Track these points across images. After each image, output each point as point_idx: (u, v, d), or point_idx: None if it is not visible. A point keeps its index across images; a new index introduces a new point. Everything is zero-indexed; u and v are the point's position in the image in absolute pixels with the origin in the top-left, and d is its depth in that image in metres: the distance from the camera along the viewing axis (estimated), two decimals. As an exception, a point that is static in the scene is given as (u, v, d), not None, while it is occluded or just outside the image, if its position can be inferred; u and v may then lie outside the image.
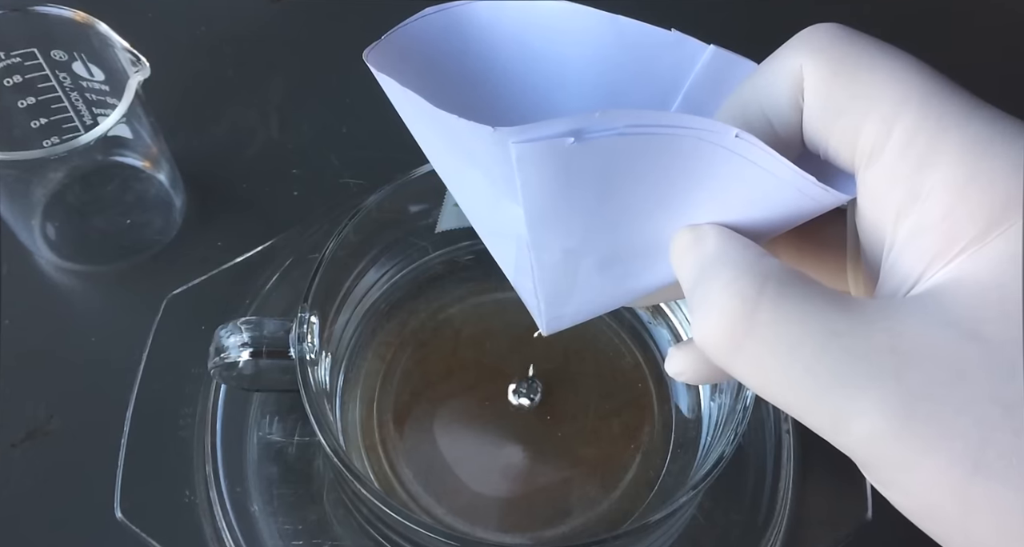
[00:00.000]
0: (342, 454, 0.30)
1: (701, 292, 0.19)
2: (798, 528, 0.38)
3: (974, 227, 0.17)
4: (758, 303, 0.18)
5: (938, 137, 0.18)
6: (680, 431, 0.37)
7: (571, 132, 0.19)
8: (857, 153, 0.19)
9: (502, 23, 0.25)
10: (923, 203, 0.18)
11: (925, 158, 0.18)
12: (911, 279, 0.18)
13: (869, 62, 0.19)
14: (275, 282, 0.42)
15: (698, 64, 0.25)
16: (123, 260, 0.44)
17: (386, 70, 0.23)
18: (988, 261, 0.17)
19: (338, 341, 0.36)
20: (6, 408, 0.40)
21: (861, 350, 0.17)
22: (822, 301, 0.18)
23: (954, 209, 0.18)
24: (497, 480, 0.36)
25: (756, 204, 0.21)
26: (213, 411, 0.39)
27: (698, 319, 0.19)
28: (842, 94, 0.19)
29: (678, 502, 0.30)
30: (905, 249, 0.18)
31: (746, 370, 0.18)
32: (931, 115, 0.18)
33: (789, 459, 0.39)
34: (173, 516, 0.37)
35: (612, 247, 0.22)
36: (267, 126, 0.49)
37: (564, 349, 0.39)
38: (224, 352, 0.33)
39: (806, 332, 0.17)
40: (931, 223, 0.18)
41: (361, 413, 0.37)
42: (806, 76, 0.20)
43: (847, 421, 0.17)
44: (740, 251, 0.19)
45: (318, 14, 0.53)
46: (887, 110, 0.19)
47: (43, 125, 0.43)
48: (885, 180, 0.19)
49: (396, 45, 0.24)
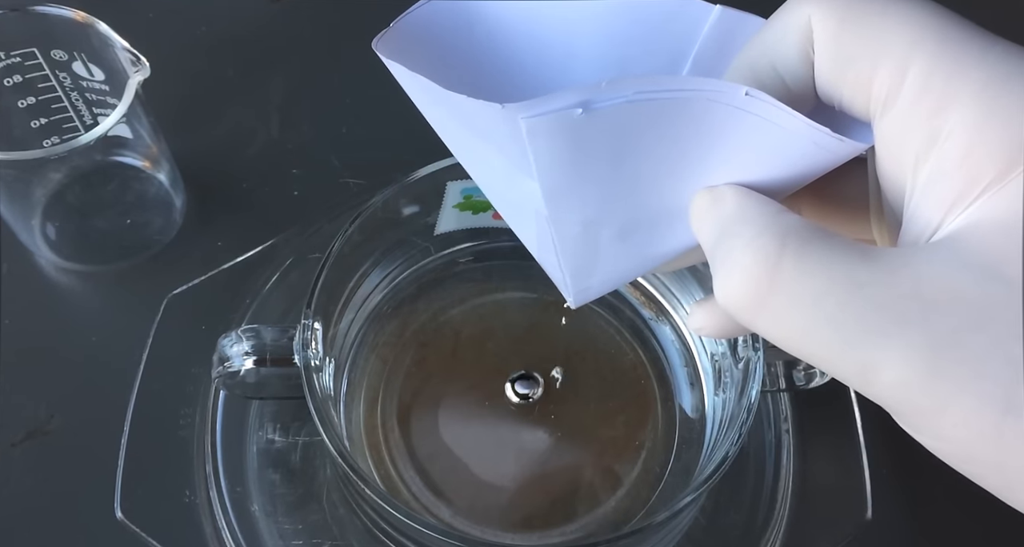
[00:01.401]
0: (348, 457, 0.30)
1: (722, 252, 0.19)
2: (798, 528, 0.38)
3: (993, 168, 0.17)
4: (780, 259, 0.18)
5: (953, 78, 0.18)
6: (683, 430, 0.37)
7: (579, 103, 0.19)
8: (872, 100, 0.19)
9: (506, 3, 0.25)
10: (941, 147, 0.18)
11: (941, 100, 0.18)
12: (933, 224, 0.18)
13: (878, 7, 0.19)
14: (275, 282, 0.42)
15: (705, 26, 0.24)
16: (123, 260, 0.44)
17: (395, 57, 0.23)
18: (1008, 201, 0.17)
19: (341, 345, 0.36)
20: (6, 407, 0.40)
21: (885, 298, 0.17)
22: (844, 253, 0.18)
23: (972, 150, 0.17)
24: (499, 480, 0.36)
25: (772, 160, 0.21)
26: (213, 411, 0.39)
27: (720, 279, 0.19)
28: (852, 42, 0.19)
29: (682, 502, 0.30)
30: (925, 195, 0.18)
31: (770, 326, 0.18)
32: (945, 56, 0.18)
33: (789, 459, 0.39)
34: (173, 516, 0.37)
35: (631, 215, 0.22)
36: (267, 126, 0.49)
37: (566, 348, 0.39)
38: (228, 361, 0.33)
39: (829, 285, 0.17)
40: (950, 166, 0.18)
41: (364, 414, 0.37)
42: (814, 26, 0.20)
43: (875, 370, 0.17)
44: (759, 209, 0.19)
45: (318, 14, 0.53)
46: (899, 54, 0.18)
47: (43, 125, 0.42)
48: (902, 126, 0.19)
49: (404, 32, 0.24)
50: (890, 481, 0.39)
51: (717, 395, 0.36)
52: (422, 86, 0.22)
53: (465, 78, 0.25)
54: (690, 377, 0.38)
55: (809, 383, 0.36)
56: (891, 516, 0.39)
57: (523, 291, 0.40)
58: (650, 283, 0.40)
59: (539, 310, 0.40)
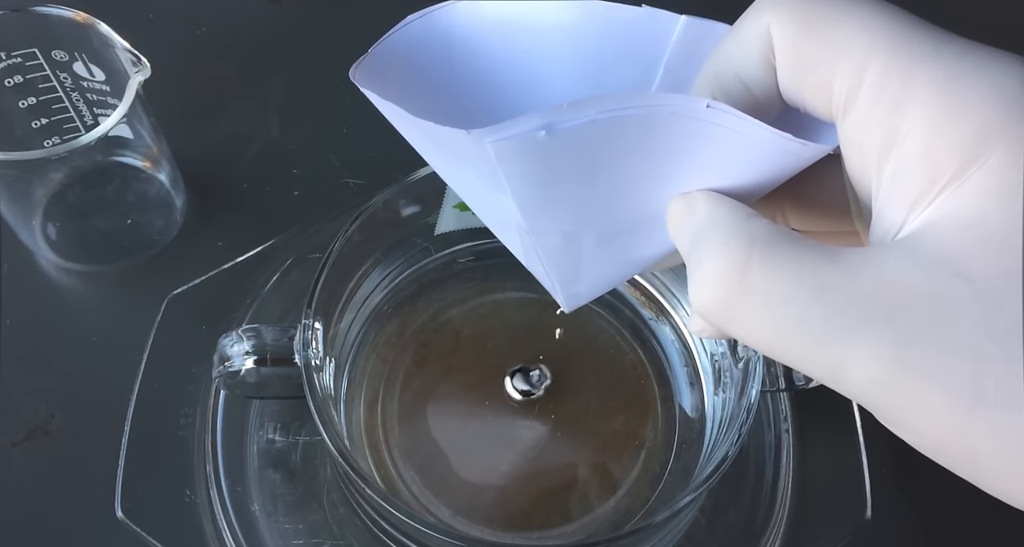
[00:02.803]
0: (348, 457, 0.30)
1: (695, 259, 0.20)
2: (798, 528, 0.38)
3: (952, 164, 0.17)
4: (747, 265, 0.18)
5: (909, 78, 0.18)
6: (683, 430, 0.37)
7: (542, 126, 0.20)
8: (833, 104, 0.19)
9: (481, 22, 0.26)
10: (900, 146, 0.18)
11: (898, 100, 0.18)
12: (897, 223, 0.18)
13: (835, 12, 0.19)
14: (275, 282, 0.42)
15: (673, 35, 0.25)
16: (124, 260, 0.44)
17: (375, 83, 0.23)
18: (969, 197, 0.17)
19: (341, 344, 0.36)
20: (7, 408, 0.40)
21: (850, 299, 0.17)
22: (810, 256, 0.18)
23: (931, 148, 0.18)
24: (500, 480, 0.36)
25: (741, 166, 0.21)
26: (214, 411, 0.39)
27: (693, 285, 0.20)
28: (810, 48, 0.20)
29: (682, 502, 0.30)
30: (889, 193, 0.19)
31: (743, 330, 0.19)
32: (900, 57, 0.18)
33: (789, 459, 0.39)
34: (174, 516, 0.38)
35: (609, 224, 0.23)
36: (267, 126, 0.49)
37: (566, 348, 0.39)
38: (228, 361, 0.33)
39: (795, 288, 0.18)
40: (910, 165, 0.18)
41: (364, 414, 0.37)
42: (774, 34, 0.20)
43: (845, 368, 0.17)
44: (729, 215, 0.20)
45: (318, 14, 0.53)
46: (856, 58, 0.19)
47: (44, 125, 0.43)
48: (862, 127, 0.19)
49: (382, 57, 0.25)
50: (890, 481, 0.39)
51: (717, 395, 0.36)
52: (397, 113, 0.22)
53: (444, 97, 0.26)
54: (690, 377, 0.39)
55: (809, 383, 0.36)
56: (891, 516, 0.39)
57: (523, 291, 0.40)
58: (650, 283, 0.40)
59: (539, 310, 0.40)
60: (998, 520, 0.40)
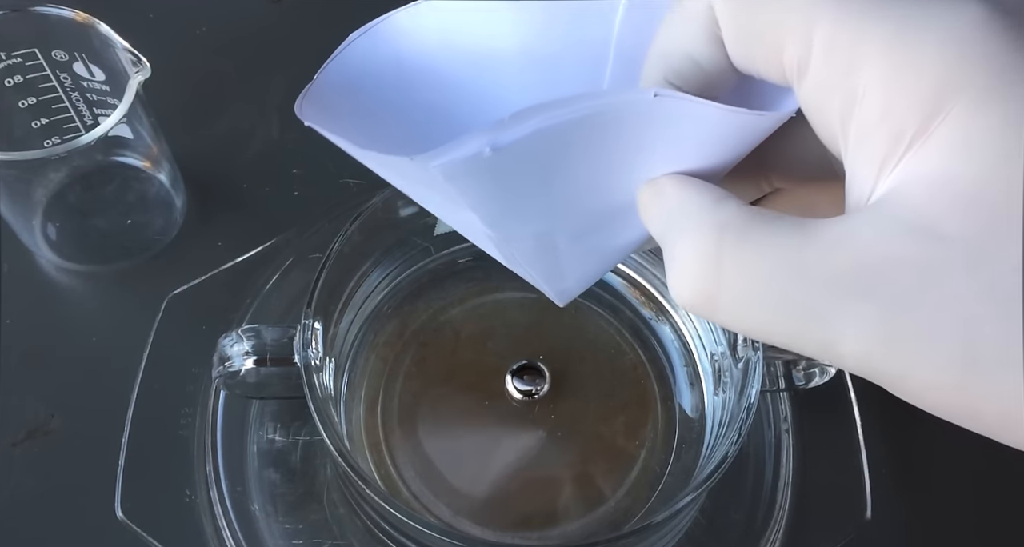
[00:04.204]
0: (348, 457, 0.30)
1: (668, 249, 0.19)
2: (798, 528, 0.38)
3: (914, 120, 0.17)
4: (720, 255, 0.18)
5: (859, 34, 0.17)
6: (683, 430, 0.37)
7: (486, 144, 0.19)
8: (786, 70, 0.19)
9: (426, 29, 0.26)
10: (860, 106, 0.17)
11: (851, 59, 0.17)
12: (869, 184, 0.18)
13: None
14: (275, 282, 0.42)
15: (617, 17, 0.25)
16: (124, 260, 0.44)
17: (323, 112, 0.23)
18: (935, 152, 0.16)
19: (341, 344, 0.36)
20: (6, 407, 0.40)
21: (829, 277, 0.17)
22: (783, 236, 0.18)
23: (890, 106, 0.17)
24: (499, 480, 0.36)
25: (703, 146, 0.21)
26: (214, 411, 0.39)
27: (670, 279, 0.19)
28: (754, 17, 0.19)
29: (682, 502, 0.30)
30: (857, 156, 0.18)
31: (727, 319, 0.18)
32: (847, 12, 0.17)
33: (789, 459, 0.39)
34: (174, 516, 0.38)
35: (581, 219, 0.23)
36: (267, 126, 0.49)
37: (566, 348, 0.39)
38: (228, 361, 0.33)
39: (772, 273, 0.17)
40: (872, 125, 0.17)
41: (364, 414, 0.37)
42: (716, 8, 0.20)
43: (835, 346, 0.17)
44: (697, 200, 0.19)
45: (318, 14, 0.53)
46: (801, 22, 0.18)
47: (44, 125, 0.43)
48: (819, 91, 0.18)
49: (329, 82, 0.25)
50: (890, 481, 0.39)
51: (717, 395, 0.36)
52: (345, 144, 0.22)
53: (400, 110, 0.26)
54: (690, 377, 0.39)
55: (809, 383, 0.36)
56: (891, 516, 0.39)
57: (523, 291, 0.40)
58: (650, 283, 0.40)
59: (539, 309, 0.40)
60: (998, 520, 0.40)
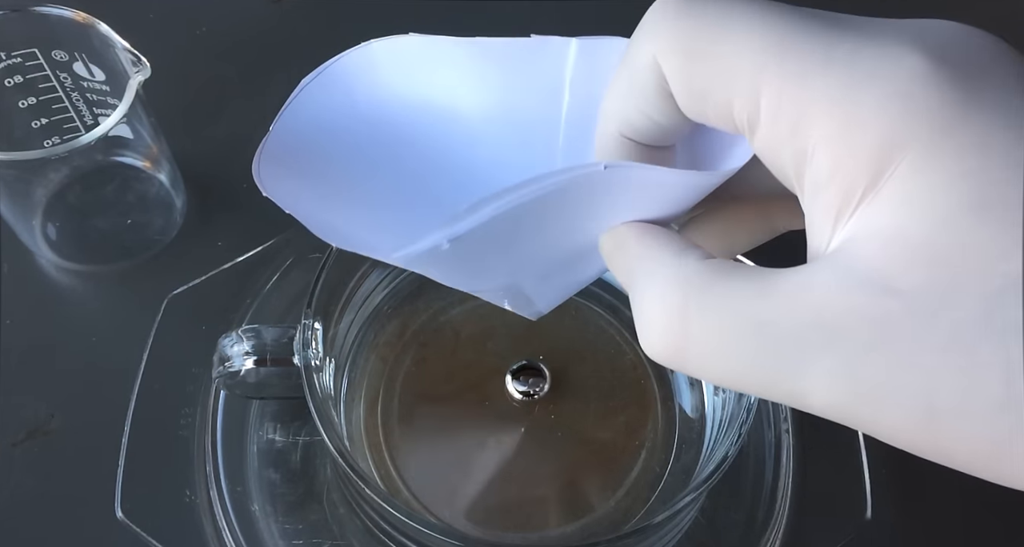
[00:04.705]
0: (348, 457, 0.30)
1: (636, 306, 0.20)
2: (798, 528, 0.38)
3: (863, 177, 0.17)
4: (685, 314, 0.18)
5: (802, 94, 0.17)
6: (683, 430, 0.37)
7: (443, 238, 0.20)
8: (737, 124, 0.19)
9: (381, 69, 0.26)
10: (810, 163, 0.18)
11: (797, 119, 0.18)
12: (826, 235, 0.18)
13: (716, 32, 0.19)
14: (275, 282, 0.42)
15: (568, 59, 0.25)
16: (124, 260, 0.44)
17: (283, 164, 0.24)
18: (885, 207, 0.17)
19: (341, 344, 0.36)
20: (6, 407, 0.40)
21: (791, 332, 0.17)
22: (744, 290, 0.18)
23: (838, 164, 0.17)
24: (499, 480, 0.36)
25: (657, 200, 0.21)
26: (214, 411, 0.39)
27: (639, 332, 0.20)
28: (701, 75, 0.19)
29: (682, 502, 0.30)
30: (812, 207, 0.18)
31: (696, 371, 0.19)
32: (789, 73, 0.18)
33: (789, 459, 0.39)
34: (174, 516, 0.38)
35: (543, 267, 0.24)
36: (267, 126, 0.48)
37: (566, 348, 0.39)
38: (228, 361, 0.33)
39: (736, 328, 0.18)
40: (823, 181, 0.17)
41: (364, 414, 0.37)
42: (663, 66, 0.20)
43: (803, 398, 0.17)
44: (659, 254, 0.20)
45: (318, 14, 0.53)
46: (746, 81, 0.18)
47: (44, 125, 0.43)
48: (771, 145, 0.18)
49: (285, 131, 0.25)
50: (890, 481, 0.39)
51: (717, 395, 0.36)
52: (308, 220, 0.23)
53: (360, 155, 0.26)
54: (690, 377, 0.39)
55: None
56: (891, 516, 0.39)
57: (523, 291, 0.40)
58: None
59: (539, 310, 0.39)
60: (998, 520, 0.40)
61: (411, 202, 0.26)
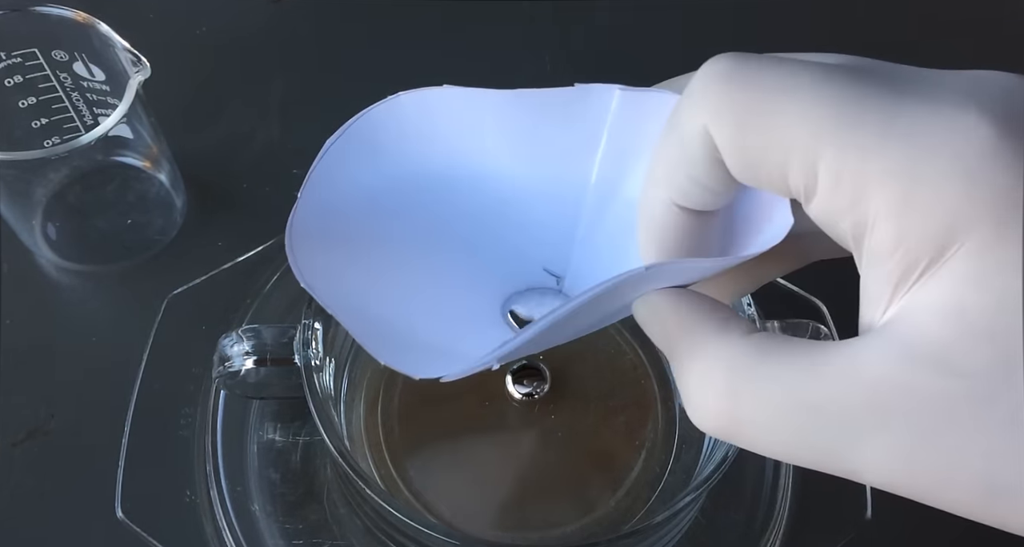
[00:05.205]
0: (348, 457, 0.30)
1: (681, 381, 0.20)
2: (798, 528, 0.38)
3: (927, 252, 0.17)
4: (733, 397, 0.18)
5: (863, 164, 0.17)
6: (683, 430, 0.37)
7: (492, 359, 0.21)
8: (792, 193, 0.19)
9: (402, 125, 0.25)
10: (871, 234, 0.17)
11: (858, 190, 0.17)
12: (883, 303, 0.18)
13: (770, 101, 0.18)
14: (275, 282, 0.42)
15: (610, 109, 0.25)
16: (124, 260, 0.44)
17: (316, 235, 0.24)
18: (948, 283, 0.16)
19: (341, 344, 0.36)
20: (6, 407, 0.40)
21: (841, 414, 0.17)
22: (794, 370, 0.18)
23: (902, 238, 0.17)
24: (499, 480, 0.36)
25: (697, 275, 0.22)
26: (214, 411, 0.39)
27: (690, 414, 0.19)
28: (755, 147, 0.19)
29: (682, 502, 0.30)
30: (869, 275, 0.18)
31: (749, 447, 0.19)
32: (849, 145, 0.17)
33: (789, 459, 0.39)
34: (174, 516, 0.38)
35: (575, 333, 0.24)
36: (267, 126, 0.49)
37: (566, 349, 0.38)
38: (228, 361, 0.33)
39: (787, 410, 0.18)
40: (885, 253, 0.17)
41: (364, 414, 0.37)
42: (714, 136, 0.19)
43: (858, 474, 0.17)
44: (700, 327, 0.20)
45: (318, 14, 0.53)
46: (803, 152, 0.18)
47: (44, 125, 0.43)
48: (829, 214, 0.18)
49: (316, 197, 0.25)
50: (890, 481, 0.39)
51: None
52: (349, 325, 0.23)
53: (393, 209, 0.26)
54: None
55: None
56: (891, 516, 0.39)
57: (523, 291, 0.40)
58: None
59: (539, 310, 0.39)
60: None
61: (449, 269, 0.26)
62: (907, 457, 0.16)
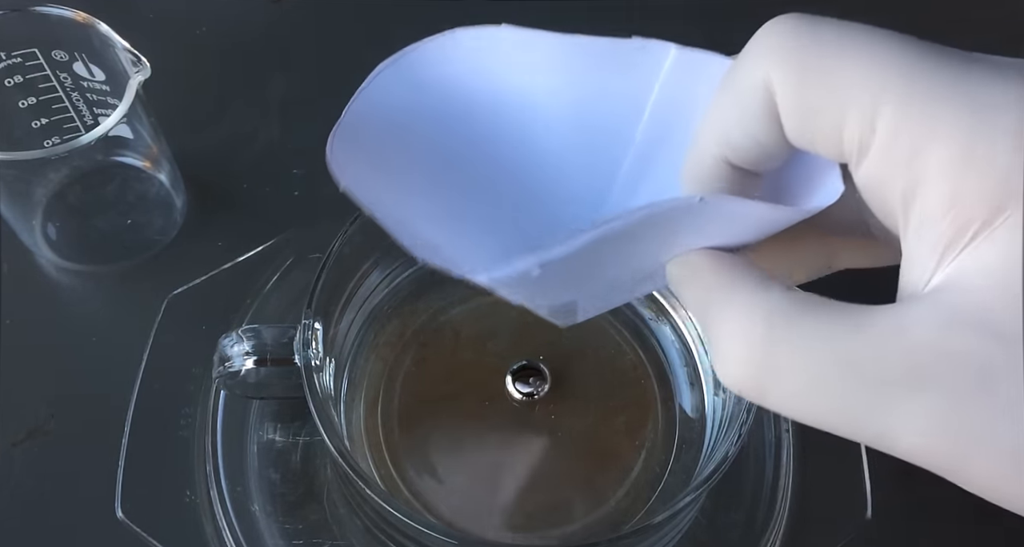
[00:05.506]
0: (348, 457, 0.30)
1: (712, 333, 0.19)
2: (798, 528, 0.38)
3: (982, 211, 0.16)
4: (770, 346, 0.18)
5: (927, 119, 0.17)
6: (683, 430, 0.37)
7: (535, 264, 0.20)
8: (844, 150, 0.18)
9: (456, 61, 0.25)
10: (924, 193, 0.17)
11: (916, 145, 0.17)
12: (928, 270, 0.17)
13: (838, 50, 0.18)
14: (275, 282, 0.42)
15: (664, 67, 0.24)
16: (124, 260, 0.44)
17: (357, 149, 0.23)
18: (1000, 247, 0.16)
19: (341, 344, 0.36)
20: (6, 408, 0.40)
21: (882, 374, 0.17)
22: (833, 327, 0.17)
23: (958, 194, 0.16)
24: (499, 480, 0.36)
25: (738, 229, 0.21)
26: (214, 411, 0.39)
27: (717, 365, 0.19)
28: (816, 95, 0.18)
29: (682, 502, 0.30)
30: (917, 241, 0.18)
31: (778, 407, 0.18)
32: (917, 94, 0.17)
33: (789, 459, 0.39)
34: (174, 516, 0.38)
35: (606, 287, 0.23)
36: (267, 126, 0.49)
37: (566, 348, 0.39)
38: (228, 361, 0.33)
39: (825, 366, 0.17)
40: (937, 212, 0.17)
41: (364, 414, 0.37)
42: (775, 85, 0.19)
43: (890, 439, 0.17)
44: (741, 284, 0.19)
45: (318, 15, 0.53)
46: (867, 101, 0.17)
47: (44, 125, 0.43)
48: (880, 173, 0.18)
49: (358, 115, 0.24)
50: (890, 481, 0.39)
51: (717, 395, 0.36)
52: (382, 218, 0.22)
53: (428, 147, 0.25)
54: (690, 377, 0.39)
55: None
56: (891, 516, 0.39)
57: (523, 291, 0.40)
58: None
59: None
60: (998, 521, 0.40)
61: (482, 203, 0.26)
62: (943, 421, 0.16)
